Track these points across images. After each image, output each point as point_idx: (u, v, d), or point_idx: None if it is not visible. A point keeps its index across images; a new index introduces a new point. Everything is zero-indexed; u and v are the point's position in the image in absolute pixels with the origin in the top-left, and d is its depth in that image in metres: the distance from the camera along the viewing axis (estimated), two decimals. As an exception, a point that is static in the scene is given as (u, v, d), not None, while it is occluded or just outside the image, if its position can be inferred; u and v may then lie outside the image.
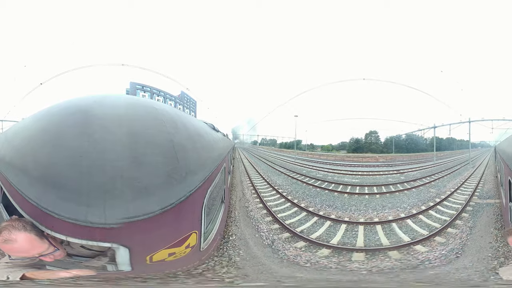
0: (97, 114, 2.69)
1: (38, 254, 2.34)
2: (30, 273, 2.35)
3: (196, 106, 39.40)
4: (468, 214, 8.34)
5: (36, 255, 2.35)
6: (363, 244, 6.96)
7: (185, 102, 38.84)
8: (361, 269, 5.62)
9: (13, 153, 2.62)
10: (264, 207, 9.56)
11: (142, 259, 2.62)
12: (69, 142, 2.42)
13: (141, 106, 3.02)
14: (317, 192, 12.29)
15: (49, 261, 2.43)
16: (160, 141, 2.74)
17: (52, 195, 2.27)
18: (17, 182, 2.43)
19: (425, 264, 5.70)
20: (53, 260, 2.45)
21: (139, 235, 2.46)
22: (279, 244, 6.78)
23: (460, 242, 6.49)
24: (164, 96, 36.02)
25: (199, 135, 3.76)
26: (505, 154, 7.99)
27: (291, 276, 4.93)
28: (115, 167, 2.34)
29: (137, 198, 2.39)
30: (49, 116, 2.79)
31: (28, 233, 2.24)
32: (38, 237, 2.29)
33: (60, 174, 2.29)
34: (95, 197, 2.25)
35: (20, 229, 2.23)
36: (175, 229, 2.85)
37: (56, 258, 2.45)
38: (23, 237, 2.23)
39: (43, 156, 2.41)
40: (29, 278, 2.31)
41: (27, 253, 2.32)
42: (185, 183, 2.78)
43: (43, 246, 2.32)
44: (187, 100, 39.18)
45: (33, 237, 2.26)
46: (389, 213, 8.94)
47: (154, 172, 2.53)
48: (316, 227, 8.13)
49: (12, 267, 2.41)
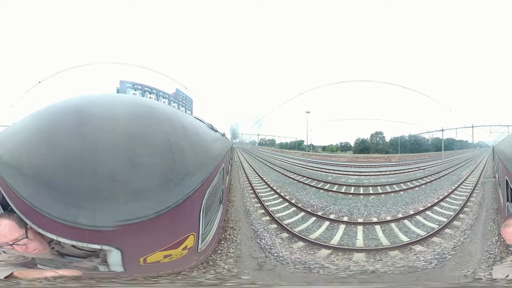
0: (93, 113, 2.65)
1: (12, 241, 2.46)
2: (18, 272, 2.39)
3: (193, 104, 38.63)
4: (478, 187, 12.89)
5: (11, 242, 2.46)
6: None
7: (180, 100, 37.99)
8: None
9: (9, 153, 2.62)
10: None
11: (135, 261, 2.56)
12: (63, 142, 2.39)
13: (138, 105, 2.96)
14: (380, 200, 11.75)
15: (21, 251, 2.50)
16: (157, 141, 2.67)
17: (45, 195, 2.26)
18: (13, 182, 2.42)
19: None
20: (25, 251, 2.51)
21: (132, 238, 2.40)
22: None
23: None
24: (157, 94, 35.40)
25: (197, 135, 3.69)
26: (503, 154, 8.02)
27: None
28: (107, 168, 2.29)
29: (131, 201, 2.32)
30: (45, 116, 2.78)
31: (10, 220, 2.45)
32: (18, 226, 2.46)
33: (53, 175, 2.27)
34: (85, 199, 2.21)
35: (5, 216, 2.48)
36: (171, 232, 2.77)
37: (28, 250, 2.51)
38: (5, 223, 2.45)
39: (38, 157, 2.40)
40: (16, 277, 2.35)
41: (5, 238, 2.46)
42: (182, 185, 2.70)
43: (19, 234, 2.46)
44: (182, 98, 38.43)
45: (14, 224, 2.45)
46: (442, 192, 12.48)
47: (150, 174, 2.46)
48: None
49: (4, 265, 2.44)
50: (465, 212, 9.02)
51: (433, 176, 17.12)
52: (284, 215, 9.37)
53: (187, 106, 39.01)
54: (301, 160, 28.07)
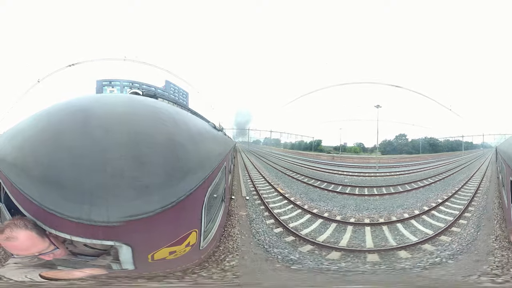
0: (98, 113, 2.70)
1: (38, 252, 2.37)
2: (45, 272, 2.40)
3: (188, 98, 34.37)
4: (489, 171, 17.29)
5: (36, 253, 2.38)
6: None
7: (170, 93, 33.65)
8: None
9: (14, 153, 2.63)
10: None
11: (144, 258, 2.63)
12: (69, 141, 2.44)
13: (142, 105, 3.03)
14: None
15: (49, 259, 2.46)
16: (161, 140, 2.75)
17: (54, 195, 2.28)
18: (19, 182, 2.44)
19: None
20: (52, 258, 2.48)
21: (140, 233, 2.47)
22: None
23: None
24: (139, 88, 31.60)
25: (200, 134, 3.76)
26: (506, 154, 7.97)
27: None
28: (116, 167, 2.35)
29: (138, 197, 2.40)
30: (50, 116, 2.80)
31: (29, 231, 2.28)
32: (39, 235, 2.32)
33: (61, 174, 2.31)
34: (97, 196, 2.26)
35: (22, 227, 2.27)
36: (175, 227, 2.85)
37: (56, 257, 2.48)
38: (24, 235, 2.27)
39: (44, 156, 2.42)
40: (47, 277, 2.36)
41: (28, 250, 2.35)
42: (185, 182, 2.78)
43: (44, 245, 2.36)
44: (174, 90, 34.40)
45: (34, 235, 2.30)
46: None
47: (155, 171, 2.54)
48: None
49: (24, 268, 2.44)
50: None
51: (467, 167, 21.80)
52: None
53: (181, 99, 34.38)
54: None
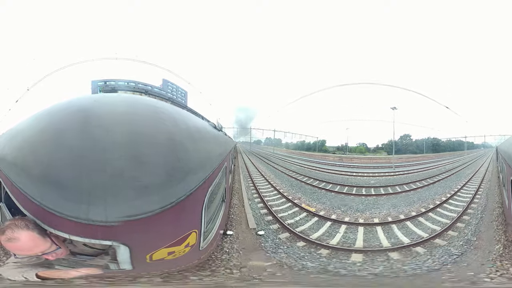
0: (98, 113, 2.70)
1: (41, 252, 2.36)
2: (42, 272, 2.40)
3: (187, 97, 33.04)
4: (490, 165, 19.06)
5: (39, 253, 2.37)
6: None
7: (167, 92, 32.44)
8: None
9: (14, 153, 2.63)
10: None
11: (142, 258, 2.62)
12: (69, 141, 2.43)
13: (141, 105, 3.01)
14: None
15: (51, 259, 2.45)
16: (161, 140, 2.73)
17: (54, 194, 2.28)
18: (19, 181, 2.44)
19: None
20: (55, 258, 2.47)
21: (138, 234, 2.46)
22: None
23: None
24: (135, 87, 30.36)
25: (200, 134, 3.74)
26: (506, 154, 7.97)
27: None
28: (115, 167, 2.35)
29: (138, 197, 2.39)
30: (50, 116, 2.80)
31: (30, 231, 2.27)
32: (41, 235, 2.31)
33: (61, 173, 2.31)
34: (96, 196, 2.26)
35: (23, 227, 2.26)
36: (174, 228, 2.84)
37: (58, 256, 2.47)
38: (26, 236, 2.26)
39: (44, 156, 2.42)
40: (43, 277, 2.35)
41: (30, 251, 2.35)
42: (185, 182, 2.77)
43: (46, 245, 2.35)
44: (172, 89, 33.29)
45: (35, 235, 2.29)
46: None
47: (155, 171, 2.53)
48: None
49: (22, 267, 2.44)
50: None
51: (473, 163, 23.05)
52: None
53: (180, 98, 33.15)
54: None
